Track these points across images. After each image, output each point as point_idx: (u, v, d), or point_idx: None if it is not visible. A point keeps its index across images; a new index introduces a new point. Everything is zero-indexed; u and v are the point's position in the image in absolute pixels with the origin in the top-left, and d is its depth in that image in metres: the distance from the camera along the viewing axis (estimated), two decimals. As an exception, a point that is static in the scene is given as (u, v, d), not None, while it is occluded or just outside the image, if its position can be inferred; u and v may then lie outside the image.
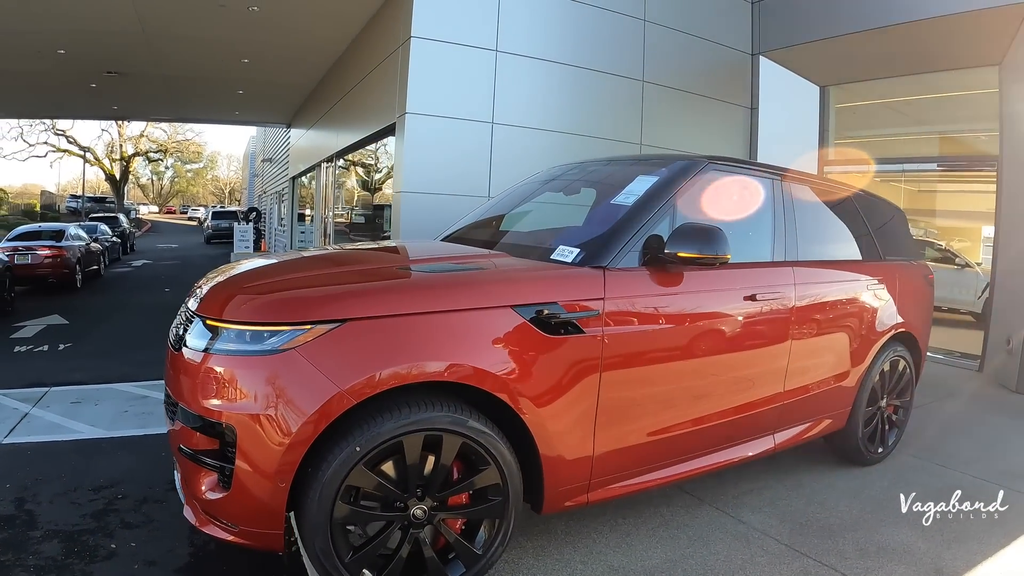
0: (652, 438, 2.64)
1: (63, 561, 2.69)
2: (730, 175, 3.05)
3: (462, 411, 2.16)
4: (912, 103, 8.52)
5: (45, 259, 11.34)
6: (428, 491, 2.17)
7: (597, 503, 2.63)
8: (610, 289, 2.44)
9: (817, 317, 3.24)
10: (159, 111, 19.19)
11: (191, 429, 2.15)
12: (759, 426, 3.07)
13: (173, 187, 64.14)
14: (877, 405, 3.78)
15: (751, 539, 2.83)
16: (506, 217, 3.45)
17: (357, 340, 2.06)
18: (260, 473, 2.01)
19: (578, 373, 2.37)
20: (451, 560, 2.24)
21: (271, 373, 2.01)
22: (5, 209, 31.86)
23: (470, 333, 2.20)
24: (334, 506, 2.04)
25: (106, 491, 3.43)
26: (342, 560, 2.09)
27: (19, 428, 4.44)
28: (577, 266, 2.49)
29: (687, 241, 2.47)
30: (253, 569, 2.75)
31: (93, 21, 8.73)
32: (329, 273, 2.73)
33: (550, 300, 2.32)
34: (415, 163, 6.66)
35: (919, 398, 5.51)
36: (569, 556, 2.65)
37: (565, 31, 7.29)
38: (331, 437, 2.04)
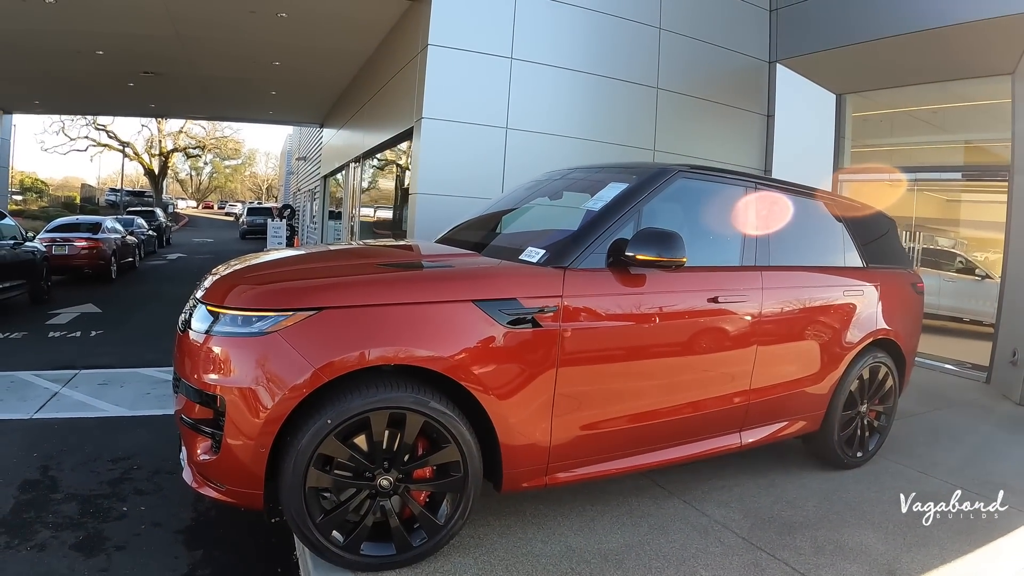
0: (610, 428, 2.81)
1: (79, 520, 3.05)
2: (702, 183, 3.20)
3: (425, 393, 2.40)
4: (929, 112, 8.47)
5: (81, 250, 11.87)
6: (394, 464, 2.42)
7: (556, 486, 2.82)
8: (568, 287, 2.64)
9: (786, 321, 3.36)
10: (195, 109, 19.89)
11: (191, 401, 2.44)
12: (723, 423, 3.21)
13: (211, 183, 65.65)
14: (856, 410, 3.86)
15: (710, 531, 2.97)
16: (494, 220, 3.65)
17: (331, 326, 2.33)
18: (244, 439, 2.28)
19: (535, 364, 2.58)
20: (416, 529, 2.49)
21: (257, 352, 2.30)
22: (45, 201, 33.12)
23: (433, 324, 2.43)
24: (307, 472, 2.29)
25: (123, 462, 3.80)
26: (314, 521, 2.33)
27: (48, 405, 4.84)
28: (540, 266, 2.70)
29: (646, 244, 2.65)
30: (245, 532, 3.05)
31: (129, 24, 9.18)
32: (316, 268, 2.99)
33: (509, 296, 2.54)
34: (430, 166, 6.90)
35: (916, 406, 5.58)
36: (532, 535, 2.84)
37: (579, 39, 7.45)
38: (306, 411, 2.30)
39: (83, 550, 2.82)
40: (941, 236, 9.15)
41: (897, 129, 9.03)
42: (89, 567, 2.69)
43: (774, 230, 3.37)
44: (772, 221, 3.38)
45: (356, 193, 12.82)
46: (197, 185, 65.84)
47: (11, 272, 8.60)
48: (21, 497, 3.28)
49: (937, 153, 8.45)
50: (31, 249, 9.51)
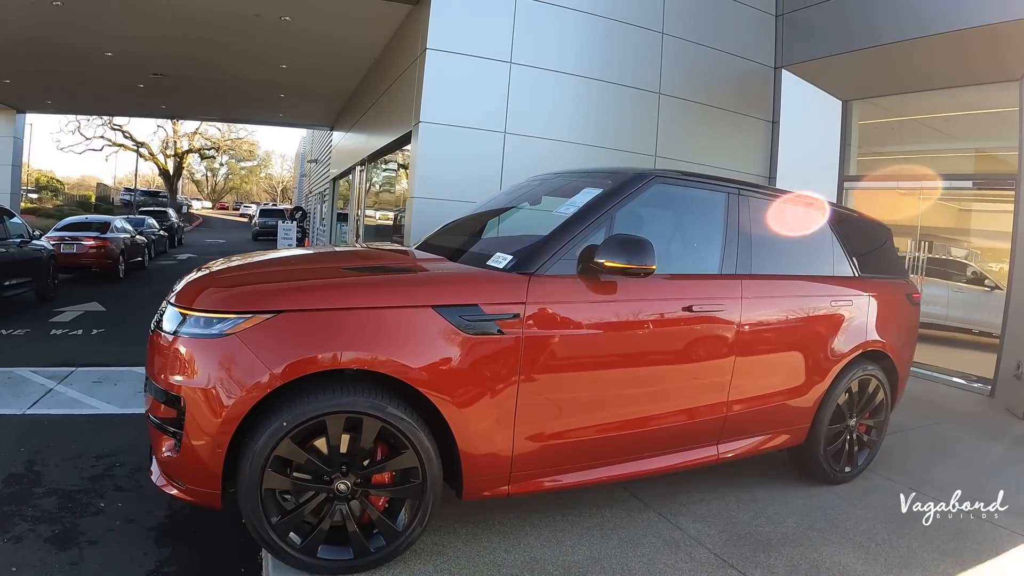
0: (576, 439, 2.75)
1: (56, 514, 3.11)
2: (680, 188, 3.14)
3: (383, 398, 2.37)
4: (937, 120, 8.33)
5: (89, 249, 11.97)
6: (352, 468, 2.40)
7: (519, 496, 2.77)
8: (532, 294, 2.59)
9: (768, 331, 3.28)
10: (206, 111, 20.10)
11: (156, 401, 2.47)
12: (698, 435, 3.13)
13: (227, 184, 66.29)
14: (844, 424, 3.76)
15: (681, 545, 2.89)
16: (472, 225, 3.61)
17: (288, 329, 2.33)
18: (202, 439, 2.30)
19: (497, 372, 2.53)
20: (374, 535, 2.47)
21: (216, 354, 2.32)
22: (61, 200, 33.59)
23: (391, 329, 2.41)
24: (263, 473, 2.29)
25: (107, 459, 3.85)
26: (270, 522, 2.34)
27: (42, 401, 4.91)
28: (506, 272, 2.65)
29: (615, 251, 2.60)
30: (215, 531, 3.08)
31: (136, 26, 9.28)
32: (284, 271, 2.99)
33: (470, 302, 2.51)
34: (427, 170, 6.87)
35: (914, 420, 5.45)
36: (496, 545, 2.79)
37: (580, 43, 7.40)
38: (263, 412, 2.30)
39: (57, 543, 2.87)
40: (949, 246, 8.99)
41: (904, 137, 8.89)
42: (60, 560, 2.74)
43: (757, 237, 3.29)
44: (755, 228, 3.29)
45: (361, 196, 12.86)
46: (213, 186, 66.50)
47: (17, 270, 8.67)
48: (4, 490, 3.34)
49: (945, 161, 8.30)
50: (38, 247, 9.59)
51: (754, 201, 3.37)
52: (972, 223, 9.03)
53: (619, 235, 2.65)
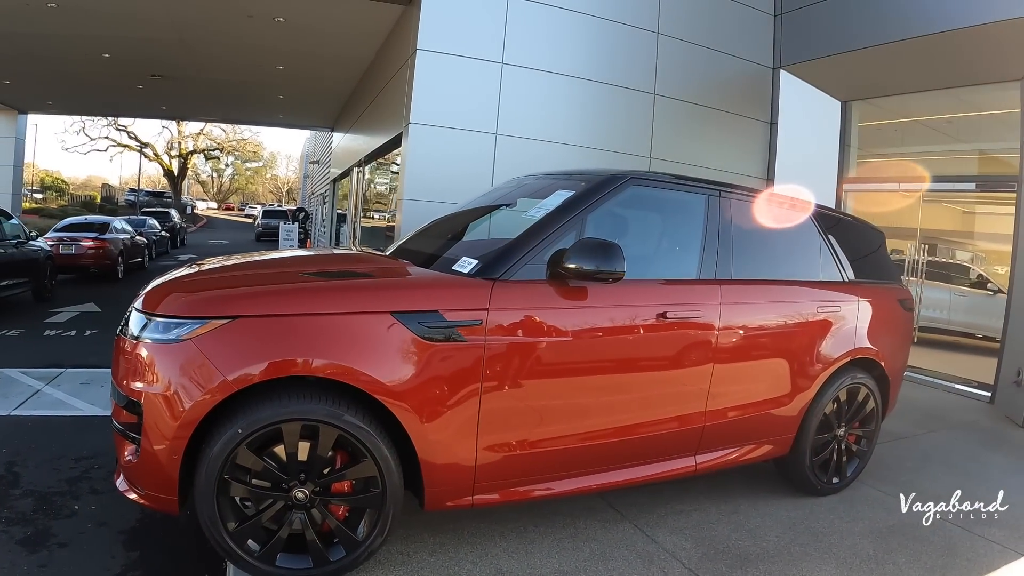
0: (543, 449, 2.66)
1: (30, 516, 3.11)
2: (656, 190, 3.04)
3: (340, 406, 2.31)
4: (938, 121, 8.20)
5: (88, 250, 11.98)
6: (310, 476, 2.35)
7: (484, 507, 2.69)
8: (496, 301, 2.51)
9: (749, 339, 3.16)
10: (206, 111, 20.13)
11: (118, 405, 2.45)
12: (674, 446, 3.03)
13: (232, 184, 66.52)
14: (832, 433, 3.65)
15: (654, 559, 2.80)
16: (448, 228, 3.53)
17: (244, 335, 2.28)
18: (159, 444, 2.28)
19: (458, 380, 2.46)
20: (335, 544, 2.41)
21: (172, 359, 2.29)
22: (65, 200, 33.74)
23: (348, 335, 2.35)
24: (219, 480, 2.25)
25: (86, 461, 3.83)
26: (227, 529, 2.30)
27: (28, 402, 4.89)
28: (470, 277, 2.57)
29: (582, 256, 2.51)
30: (184, 537, 3.04)
31: (131, 28, 9.27)
32: (247, 276, 2.91)
33: (431, 309, 2.43)
34: (417, 172, 6.80)
35: (910, 427, 5.33)
36: (463, 556, 2.72)
37: (572, 43, 7.31)
38: (219, 419, 2.26)
39: (28, 545, 2.86)
40: (952, 248, 8.86)
41: (905, 138, 8.77)
42: (30, 562, 2.73)
43: (738, 241, 3.18)
44: (737, 231, 3.19)
45: (359, 197, 12.81)
46: (218, 187, 66.73)
47: (14, 270, 8.66)
48: None
49: (947, 163, 8.17)
50: (35, 248, 9.60)
51: (736, 203, 3.26)
52: (975, 226, 8.89)
53: (587, 239, 2.56)
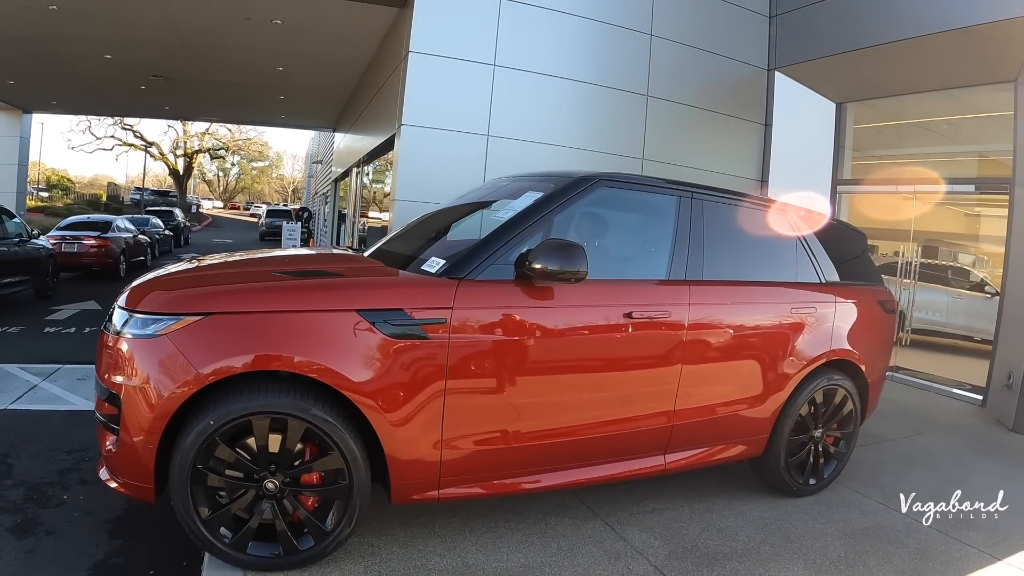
0: (509, 445, 2.71)
1: (21, 505, 3.19)
2: (627, 192, 3.07)
3: (307, 400, 2.39)
4: (933, 123, 8.19)
5: (90, 248, 12.09)
6: (280, 467, 2.43)
7: (450, 501, 2.74)
8: (460, 300, 2.56)
9: (719, 339, 3.19)
10: (209, 112, 20.24)
11: (100, 398, 2.55)
12: (642, 445, 3.06)
13: (238, 184, 66.79)
14: (808, 435, 3.66)
15: (621, 556, 2.83)
16: (426, 229, 3.57)
17: (216, 331, 2.37)
18: (135, 435, 2.38)
19: (422, 377, 2.52)
20: (304, 534, 2.50)
21: (149, 353, 2.40)
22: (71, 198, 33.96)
23: (315, 331, 2.42)
24: (192, 470, 2.34)
25: (77, 453, 3.90)
26: (200, 517, 2.40)
27: (24, 397, 4.96)
28: (437, 276, 2.62)
29: (546, 256, 2.56)
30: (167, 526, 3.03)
31: (131, 30, 9.35)
32: (223, 274, 2.98)
33: (395, 307, 2.50)
34: (409, 173, 6.85)
35: (896, 430, 5.32)
36: (432, 549, 2.78)
37: (563, 46, 7.33)
38: (192, 411, 2.36)
39: (16, 532, 2.93)
40: (949, 251, 8.82)
41: (900, 140, 8.76)
42: (17, 548, 2.80)
43: (710, 242, 3.20)
44: (709, 233, 3.21)
45: (357, 197, 12.89)
46: (224, 186, 67.00)
47: (15, 268, 8.76)
48: None
49: (943, 165, 8.15)
50: (37, 246, 9.70)
51: (709, 205, 3.28)
52: (972, 228, 8.85)
53: (552, 240, 2.61)
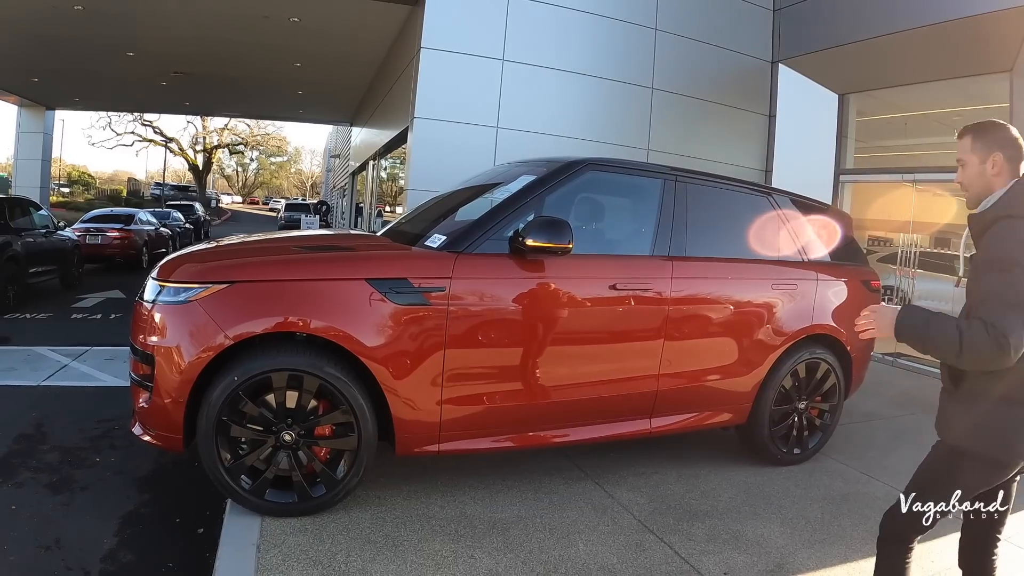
0: (503, 404, 2.98)
1: (56, 466, 3.49)
2: (612, 174, 3.31)
3: (321, 359, 2.68)
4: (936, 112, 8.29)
5: (113, 240, 12.46)
6: (296, 421, 2.71)
7: (450, 454, 3.02)
8: (459, 270, 2.84)
9: (699, 311, 3.41)
10: (229, 107, 20.63)
11: (136, 360, 2.82)
12: (628, 408, 3.30)
13: (257, 179, 67.51)
14: (792, 406, 3.84)
15: (607, 511, 3.07)
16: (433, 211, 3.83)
17: (240, 298, 2.68)
18: (166, 391, 2.66)
19: (424, 339, 2.80)
20: (316, 483, 2.79)
21: (181, 318, 2.69)
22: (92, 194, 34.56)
23: (328, 298, 2.72)
24: (218, 422, 2.63)
25: (107, 423, 4.20)
26: (224, 464, 2.68)
27: (56, 375, 5.30)
28: (438, 251, 2.90)
29: (535, 232, 2.82)
30: (192, 482, 3.35)
31: (153, 28, 9.71)
32: (249, 249, 3.30)
33: (400, 276, 2.79)
34: (421, 164, 7.13)
35: (889, 409, 5.45)
36: (433, 501, 3.05)
37: (570, 40, 7.58)
38: (218, 368, 2.64)
39: (53, 489, 3.22)
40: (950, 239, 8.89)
41: (902, 130, 8.85)
42: (55, 502, 3.09)
43: (693, 222, 3.42)
44: (692, 213, 3.42)
45: (374, 189, 13.17)
46: (243, 181, 67.74)
47: (43, 259, 9.11)
48: (14, 447, 3.70)
49: (946, 155, 8.24)
50: (63, 238, 10.03)
51: (693, 187, 3.50)
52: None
53: (541, 217, 2.87)
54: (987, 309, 1.71)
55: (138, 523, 2.93)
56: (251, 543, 2.57)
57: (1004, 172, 1.87)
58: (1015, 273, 1.69)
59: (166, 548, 2.74)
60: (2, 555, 2.57)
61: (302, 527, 2.72)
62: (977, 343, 1.68)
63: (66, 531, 2.81)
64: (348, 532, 2.71)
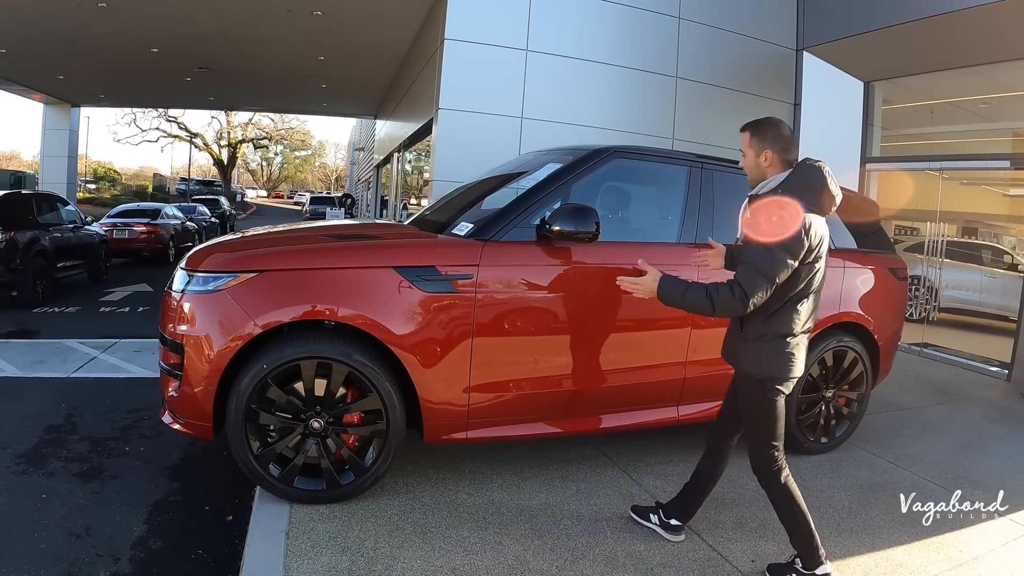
0: (530, 392, 2.98)
1: (86, 456, 3.55)
2: (638, 162, 3.29)
3: (350, 346, 2.69)
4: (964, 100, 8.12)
5: (140, 235, 12.62)
6: (325, 408, 2.73)
7: (477, 441, 3.03)
8: (486, 258, 2.85)
9: None
10: (253, 102, 20.82)
11: (166, 349, 2.85)
12: (656, 396, 3.29)
13: (282, 173, 68.11)
14: (820, 394, 3.81)
15: (634, 498, 3.07)
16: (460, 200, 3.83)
17: (269, 286, 2.69)
18: (195, 379, 2.68)
19: (452, 326, 2.81)
20: (345, 470, 2.81)
21: (211, 307, 2.71)
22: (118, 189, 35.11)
23: (357, 286, 2.73)
24: (247, 410, 2.65)
25: (136, 413, 4.27)
26: (252, 453, 2.70)
27: (85, 367, 5.40)
28: (465, 238, 2.91)
29: (562, 219, 2.82)
30: (221, 470, 3.43)
31: (177, 24, 9.82)
32: (276, 239, 3.32)
33: (428, 264, 2.80)
34: (446, 154, 7.17)
35: (917, 399, 5.42)
36: (461, 488, 3.08)
37: (594, 30, 7.54)
38: (248, 357, 2.66)
39: (83, 477, 3.28)
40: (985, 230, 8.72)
41: (930, 117, 8.67)
42: (85, 490, 3.14)
43: (720, 209, 3.38)
44: (719, 200, 3.39)
45: (399, 181, 13.24)
46: (268, 175, 68.38)
47: (71, 253, 9.25)
48: (45, 436, 3.78)
49: (977, 142, 8.10)
50: (90, 232, 10.19)
51: (719, 175, 3.47)
52: (1009, 208, 8.75)
53: (567, 204, 2.87)
54: (741, 272, 2.25)
55: (167, 511, 2.97)
56: (280, 530, 2.60)
57: (775, 163, 2.43)
58: (771, 248, 2.20)
59: (195, 535, 2.78)
60: (33, 542, 2.62)
61: (331, 514, 2.74)
62: (723, 301, 2.24)
63: (96, 519, 2.85)
64: (376, 519, 2.73)
